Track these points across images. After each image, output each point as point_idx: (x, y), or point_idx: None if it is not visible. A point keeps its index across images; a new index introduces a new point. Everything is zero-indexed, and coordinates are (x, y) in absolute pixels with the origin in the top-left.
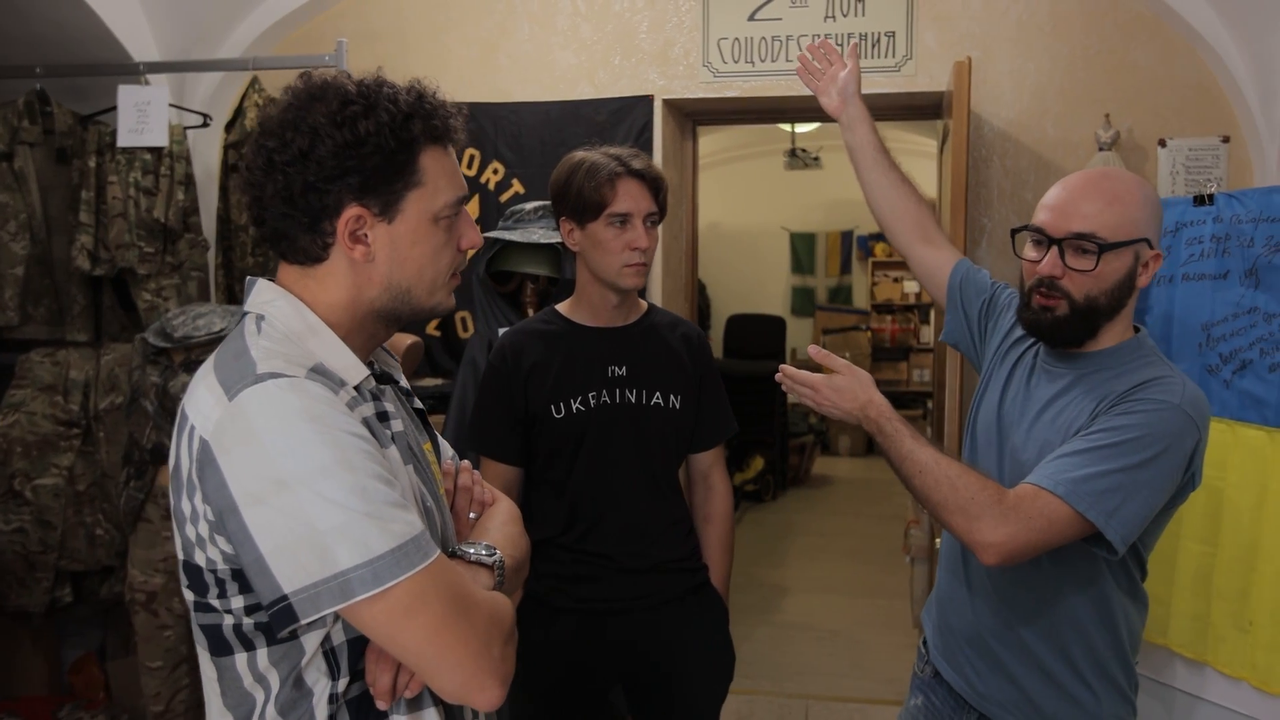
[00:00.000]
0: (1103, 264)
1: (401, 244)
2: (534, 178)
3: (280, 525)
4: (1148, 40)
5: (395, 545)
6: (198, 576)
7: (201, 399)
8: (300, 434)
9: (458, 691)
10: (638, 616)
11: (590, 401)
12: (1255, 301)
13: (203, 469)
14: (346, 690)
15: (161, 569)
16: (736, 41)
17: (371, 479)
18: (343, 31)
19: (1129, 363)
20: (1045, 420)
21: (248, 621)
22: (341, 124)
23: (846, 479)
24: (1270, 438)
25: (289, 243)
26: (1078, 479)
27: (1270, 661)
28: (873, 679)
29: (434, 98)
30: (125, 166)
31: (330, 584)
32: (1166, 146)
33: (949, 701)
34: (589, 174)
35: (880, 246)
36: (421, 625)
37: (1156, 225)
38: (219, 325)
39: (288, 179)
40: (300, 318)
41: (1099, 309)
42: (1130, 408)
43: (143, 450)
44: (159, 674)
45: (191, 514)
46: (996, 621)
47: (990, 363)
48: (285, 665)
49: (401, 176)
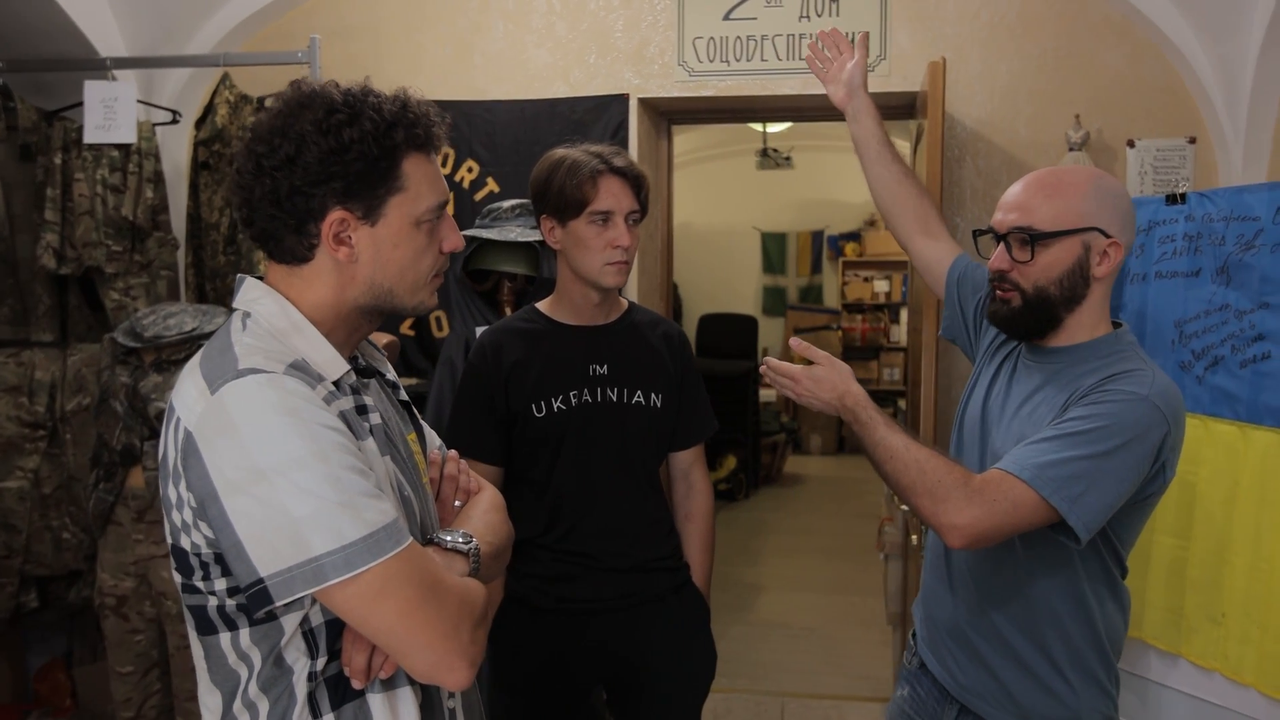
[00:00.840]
0: (1039, 254)
1: (384, 246)
2: (509, 176)
3: (257, 513)
4: (1116, 42)
5: (368, 532)
6: (184, 559)
7: (188, 392)
8: (277, 427)
9: (428, 672)
10: (619, 616)
11: (571, 400)
12: (1227, 299)
13: (186, 458)
14: (325, 669)
15: (132, 572)
16: (712, 41)
17: (345, 470)
18: (315, 28)
19: (1105, 357)
20: (1022, 415)
21: (230, 603)
22: (327, 131)
23: (818, 477)
24: (1242, 432)
25: (276, 243)
26: (1043, 464)
27: (1241, 652)
28: (848, 675)
29: (418, 106)
30: (92, 164)
31: (304, 568)
32: (1135, 147)
33: (933, 693)
34: (570, 171)
35: (850, 246)
36: (392, 608)
37: (1113, 215)
38: (190, 325)
39: (275, 183)
40: (285, 315)
41: (1051, 299)
42: (1099, 398)
43: (112, 452)
44: (130, 679)
45: (177, 500)
46: (975, 613)
47: (981, 359)
48: (266, 644)
49: (384, 182)
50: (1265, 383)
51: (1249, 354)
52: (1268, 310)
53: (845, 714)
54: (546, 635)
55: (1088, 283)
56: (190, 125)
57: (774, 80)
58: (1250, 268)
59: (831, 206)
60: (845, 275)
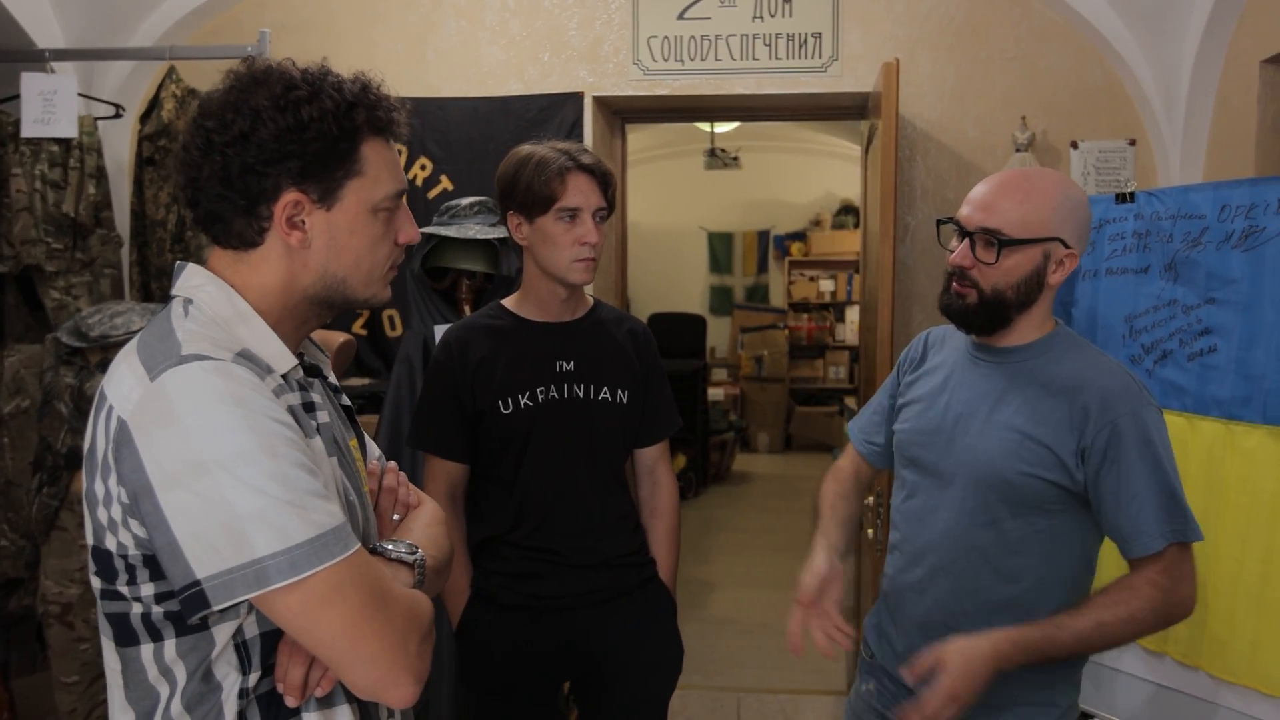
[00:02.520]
0: (1004, 258)
1: (339, 233)
2: (462, 174)
3: (196, 509)
4: (1060, 46)
5: (315, 535)
6: (107, 562)
7: (122, 378)
8: (222, 417)
9: (371, 687)
10: (587, 612)
11: (538, 397)
12: (1174, 294)
13: (119, 449)
14: (257, 685)
15: (78, 579)
16: (666, 40)
17: (294, 467)
18: (264, 22)
19: (1061, 348)
20: (1003, 413)
21: (157, 610)
22: (284, 108)
23: (766, 475)
24: (1189, 424)
25: (223, 226)
26: (1166, 519)
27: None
28: (801, 670)
29: (378, 90)
30: (30, 158)
31: (245, 571)
32: (1078, 148)
33: (904, 686)
34: (538, 168)
35: (796, 246)
36: (337, 617)
37: (1075, 226)
38: (138, 324)
39: (226, 160)
40: (230, 303)
41: (1006, 301)
42: (1132, 433)
43: (56, 455)
44: (75, 689)
45: (105, 496)
46: (954, 607)
47: (905, 385)
48: (194, 657)
49: (342, 164)
50: (1212, 375)
51: (1196, 348)
52: (1214, 305)
53: (800, 708)
54: (514, 632)
55: (1041, 288)
56: (134, 120)
57: (728, 80)
58: (1197, 264)
59: (778, 206)
60: (791, 275)
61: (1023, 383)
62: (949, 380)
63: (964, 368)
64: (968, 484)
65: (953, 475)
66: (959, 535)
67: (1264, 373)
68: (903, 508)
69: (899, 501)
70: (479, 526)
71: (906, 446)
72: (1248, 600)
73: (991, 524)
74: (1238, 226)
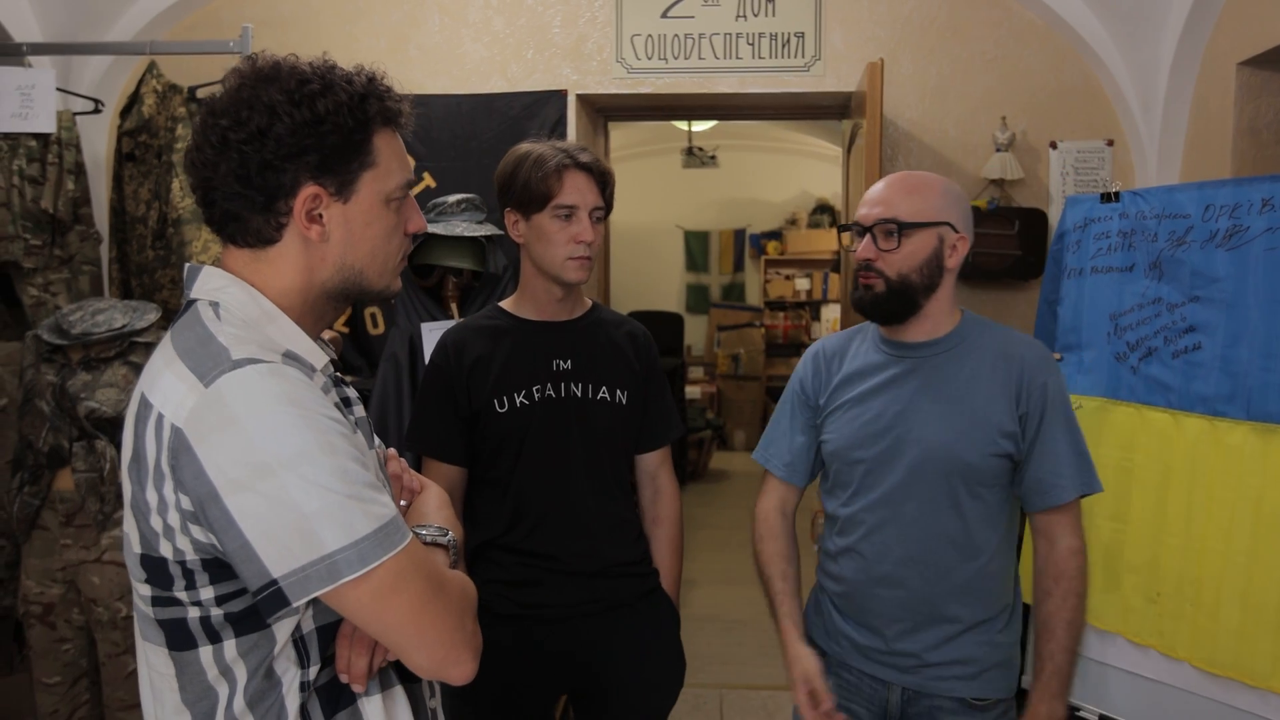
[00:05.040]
0: (905, 242)
1: (355, 224)
2: (445, 171)
3: (265, 510)
4: (1039, 47)
5: (377, 526)
6: (161, 569)
7: (170, 386)
8: (281, 418)
9: (435, 667)
10: (586, 622)
11: (534, 395)
12: (1159, 293)
13: (176, 457)
14: (317, 677)
15: (60, 579)
16: (650, 38)
17: (351, 462)
18: (244, 17)
19: (976, 332)
20: (950, 397)
21: (216, 612)
22: (300, 102)
23: (743, 472)
24: (1174, 420)
25: (239, 225)
26: (1078, 471)
27: (1175, 629)
28: (781, 666)
29: (383, 81)
30: (8, 154)
31: (318, 566)
32: (1057, 149)
33: (864, 673)
34: (536, 165)
35: (772, 245)
36: (404, 603)
37: (960, 214)
38: (120, 321)
39: (243, 158)
40: (256, 304)
41: (913, 285)
42: (1043, 389)
43: (38, 454)
44: (57, 690)
45: (159, 504)
46: (928, 590)
47: (831, 395)
48: (255, 656)
49: (357, 156)
50: (1196, 372)
51: (1180, 345)
52: (1198, 304)
53: (781, 703)
54: (509, 643)
55: (941, 272)
56: (113, 115)
57: (711, 78)
58: (1181, 263)
59: (754, 205)
60: (767, 273)
61: (953, 371)
62: (876, 381)
63: (886, 367)
64: (926, 474)
65: (907, 468)
66: (928, 524)
67: (1248, 370)
68: (851, 510)
69: (841, 505)
70: (474, 531)
71: (847, 451)
72: (1233, 594)
73: (954, 507)
74: (1222, 226)
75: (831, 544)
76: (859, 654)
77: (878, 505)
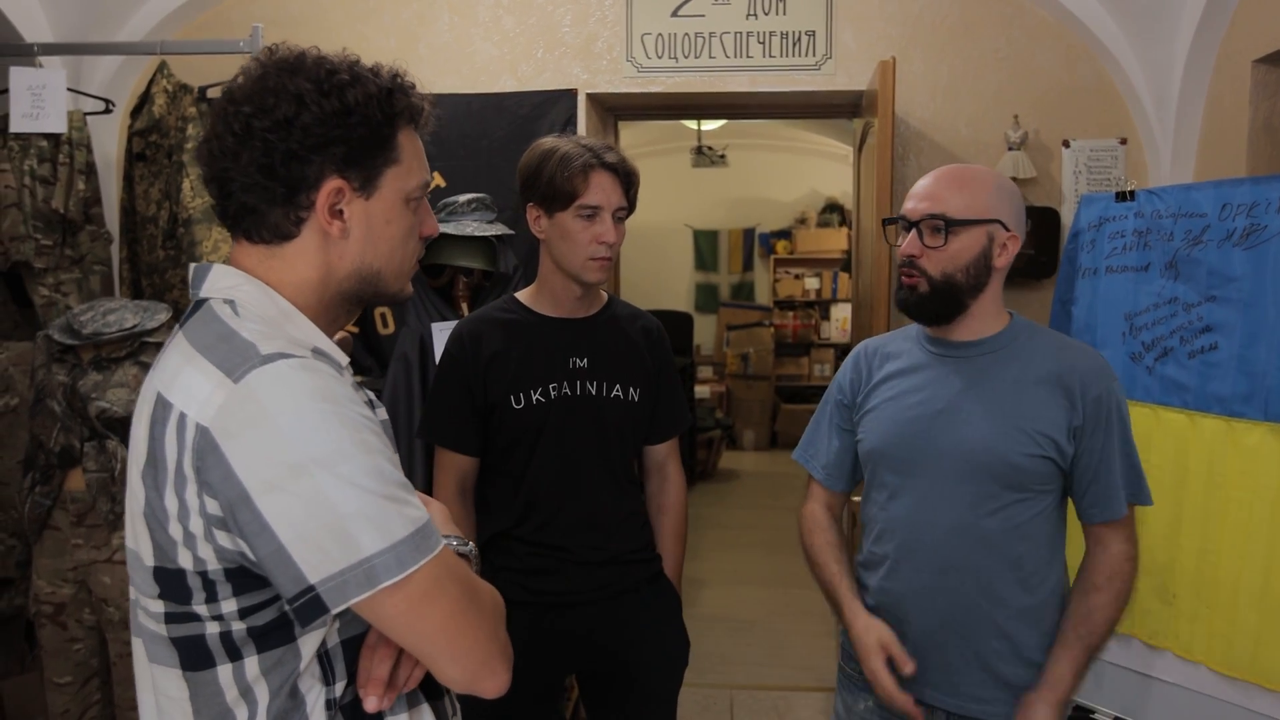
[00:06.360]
0: (952, 240)
1: (376, 222)
2: (455, 170)
3: (300, 511)
4: (1052, 45)
5: (413, 530)
6: (178, 582)
7: (192, 384)
8: (316, 415)
9: (468, 679)
10: (595, 608)
11: (551, 393)
12: (1175, 292)
13: (203, 458)
14: (343, 695)
15: (71, 579)
16: (660, 37)
17: (385, 461)
18: (253, 17)
19: (1026, 335)
20: (994, 398)
21: (238, 627)
22: (329, 92)
23: (752, 472)
24: (1190, 420)
25: (256, 218)
26: (1130, 483)
27: (1191, 631)
28: (792, 667)
29: (407, 78)
30: (19, 154)
31: (356, 571)
32: (1070, 147)
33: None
34: (562, 163)
35: (781, 244)
36: (439, 612)
37: (1012, 211)
38: (131, 321)
39: (268, 146)
40: (272, 303)
41: (958, 285)
42: (1100, 400)
43: (49, 454)
44: (68, 690)
45: (179, 510)
46: (973, 603)
47: (870, 390)
48: (279, 673)
49: (383, 151)
50: (1213, 373)
51: (1197, 345)
52: (1214, 303)
53: (791, 704)
54: (521, 629)
55: (989, 272)
56: (124, 115)
57: (721, 77)
58: (1198, 262)
59: (763, 204)
60: (776, 272)
61: (999, 371)
62: (916, 380)
63: (930, 366)
64: (965, 473)
65: (946, 468)
66: (966, 526)
67: (1265, 370)
68: (889, 514)
69: (878, 509)
70: (486, 521)
71: (883, 451)
72: (1250, 596)
73: (996, 511)
74: (1239, 225)
75: (867, 553)
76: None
77: (912, 506)
